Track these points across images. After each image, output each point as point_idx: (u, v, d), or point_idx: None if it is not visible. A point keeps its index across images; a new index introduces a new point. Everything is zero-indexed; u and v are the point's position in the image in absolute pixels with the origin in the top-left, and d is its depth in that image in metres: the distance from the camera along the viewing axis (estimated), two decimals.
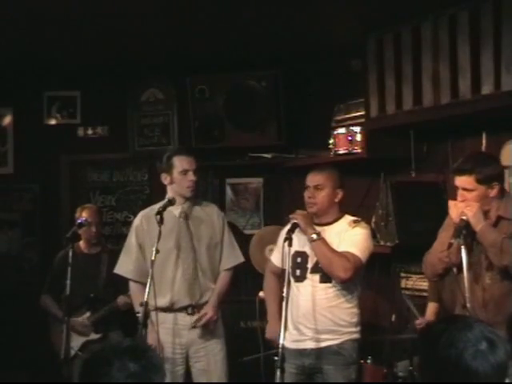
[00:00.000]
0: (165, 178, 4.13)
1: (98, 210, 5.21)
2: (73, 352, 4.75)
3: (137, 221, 4.21)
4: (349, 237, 3.77)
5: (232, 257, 4.21)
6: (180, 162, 4.07)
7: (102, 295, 4.91)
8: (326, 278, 3.76)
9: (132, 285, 4.19)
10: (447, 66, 4.03)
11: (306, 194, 3.86)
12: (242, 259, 4.29)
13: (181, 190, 4.11)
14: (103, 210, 5.90)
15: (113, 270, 4.90)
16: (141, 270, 4.07)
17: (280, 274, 3.95)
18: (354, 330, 3.81)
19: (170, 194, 4.14)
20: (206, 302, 4.10)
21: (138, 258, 4.13)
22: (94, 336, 4.90)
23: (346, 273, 3.68)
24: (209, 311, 4.05)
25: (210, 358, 4.09)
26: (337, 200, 3.85)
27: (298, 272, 3.81)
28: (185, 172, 4.06)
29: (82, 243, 4.96)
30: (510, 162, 4.06)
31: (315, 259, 3.75)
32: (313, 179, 3.86)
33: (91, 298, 4.90)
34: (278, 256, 3.96)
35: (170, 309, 4.08)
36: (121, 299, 4.81)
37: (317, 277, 3.77)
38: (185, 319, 4.08)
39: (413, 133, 4.59)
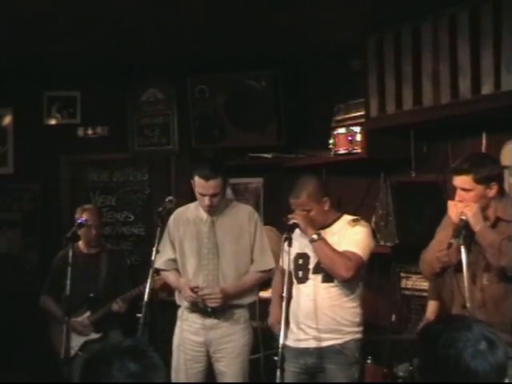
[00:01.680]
0: (192, 184, 4.08)
1: (99, 212, 5.19)
2: (73, 352, 4.76)
3: (170, 218, 4.18)
4: (349, 236, 3.78)
5: (261, 261, 4.13)
6: (198, 184, 3.99)
7: (102, 295, 4.91)
8: (327, 278, 3.76)
9: (164, 274, 4.21)
10: (447, 66, 4.03)
11: None
12: (271, 265, 4.16)
13: (200, 205, 4.11)
14: (103, 210, 5.90)
15: (113, 270, 4.90)
16: (169, 261, 4.14)
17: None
18: (356, 329, 3.81)
19: None
20: (227, 307, 4.07)
21: (170, 252, 4.15)
22: (94, 335, 4.90)
23: (348, 272, 3.70)
24: (217, 289, 3.99)
25: (228, 360, 4.08)
26: (326, 208, 3.83)
27: (300, 273, 3.83)
28: (201, 194, 4.01)
29: (81, 243, 4.95)
30: (510, 162, 4.06)
31: (316, 260, 3.76)
32: (297, 205, 3.81)
33: (91, 297, 4.90)
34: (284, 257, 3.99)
35: (190, 309, 4.10)
36: (114, 306, 4.81)
37: (319, 277, 3.78)
38: (204, 319, 4.08)
39: (413, 133, 4.59)
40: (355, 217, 3.92)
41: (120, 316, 4.91)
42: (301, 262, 3.82)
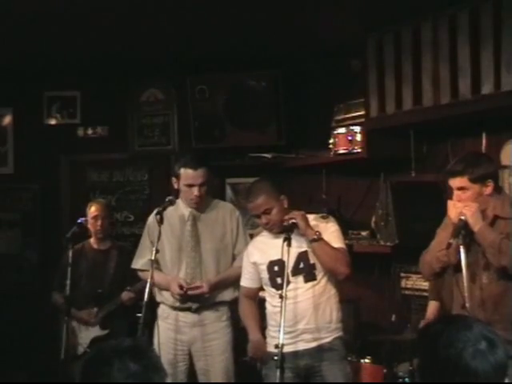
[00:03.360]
0: (174, 183, 4.09)
1: (107, 205, 5.17)
2: (81, 349, 4.79)
3: (150, 218, 4.16)
4: (329, 233, 3.76)
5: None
6: (185, 175, 3.99)
7: (108, 291, 4.89)
8: (309, 277, 3.74)
9: (145, 273, 4.09)
10: (447, 66, 4.03)
11: (261, 222, 3.80)
12: None
13: (185, 201, 4.10)
14: None
15: (122, 267, 4.88)
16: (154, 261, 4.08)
17: (253, 295, 3.97)
18: (340, 325, 3.82)
19: (180, 197, 4.13)
20: (210, 304, 4.08)
21: (150, 253, 4.06)
22: (101, 332, 4.89)
23: (349, 267, 3.72)
24: (204, 285, 4.00)
25: (212, 358, 4.08)
26: (286, 206, 3.79)
27: (278, 280, 3.74)
28: (189, 186, 4.01)
29: (92, 239, 4.99)
30: (510, 162, 4.06)
31: (292, 263, 3.68)
32: (257, 207, 3.75)
33: (98, 294, 4.89)
34: (247, 277, 3.94)
35: (173, 306, 4.10)
36: (125, 295, 4.78)
37: (300, 278, 3.74)
38: (187, 317, 4.08)
39: (413, 133, 4.59)
40: (321, 214, 3.91)
41: (126, 311, 4.87)
42: (276, 268, 3.76)
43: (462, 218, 3.33)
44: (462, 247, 3.29)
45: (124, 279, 4.84)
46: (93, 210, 4.94)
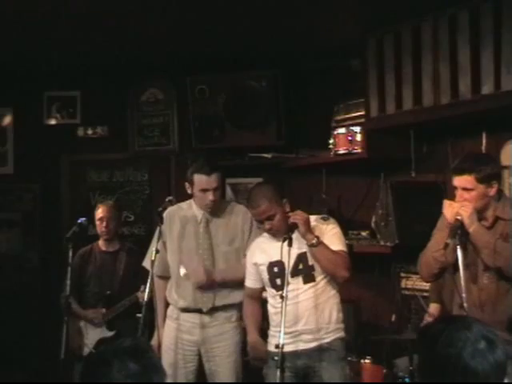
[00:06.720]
0: (188, 188, 4.06)
1: (113, 207, 5.16)
2: (87, 350, 4.80)
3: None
4: (330, 235, 3.75)
5: None
6: (199, 181, 3.96)
7: (117, 293, 4.89)
8: (308, 278, 3.74)
9: (155, 279, 4.12)
10: (447, 66, 4.03)
11: (265, 228, 3.78)
12: None
13: (200, 206, 4.07)
14: None
15: (131, 268, 4.89)
16: (164, 264, 4.10)
17: (257, 295, 3.97)
18: (340, 326, 3.81)
19: (194, 201, 4.11)
20: (221, 306, 4.08)
21: (161, 254, 4.08)
22: (107, 333, 4.89)
23: (348, 270, 3.71)
24: (206, 275, 3.99)
25: (221, 359, 4.08)
26: (288, 209, 3.77)
27: (278, 281, 3.76)
28: (204, 191, 3.97)
29: (100, 241, 5.02)
30: (510, 162, 4.07)
31: (292, 264, 3.67)
32: (260, 214, 3.74)
33: (106, 295, 4.90)
34: (250, 278, 3.94)
35: (183, 308, 4.09)
36: (140, 293, 4.74)
37: (299, 279, 3.74)
38: (197, 318, 4.08)
39: (413, 133, 4.59)
40: (322, 215, 3.89)
41: (134, 311, 4.85)
42: (276, 270, 3.77)
43: (459, 217, 3.33)
44: (458, 247, 3.29)
45: (133, 280, 4.83)
46: (99, 211, 4.97)
